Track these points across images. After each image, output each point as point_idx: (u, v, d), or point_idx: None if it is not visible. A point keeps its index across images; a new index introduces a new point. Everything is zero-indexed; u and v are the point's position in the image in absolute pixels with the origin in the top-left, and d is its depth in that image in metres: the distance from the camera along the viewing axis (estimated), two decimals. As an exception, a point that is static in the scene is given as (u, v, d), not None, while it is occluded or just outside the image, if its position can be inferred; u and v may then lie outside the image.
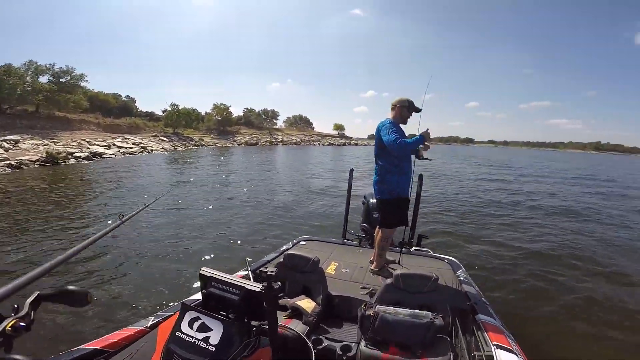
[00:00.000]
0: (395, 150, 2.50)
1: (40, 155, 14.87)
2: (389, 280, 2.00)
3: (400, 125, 2.67)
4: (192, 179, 12.14)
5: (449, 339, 1.75)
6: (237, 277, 2.24)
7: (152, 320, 1.68)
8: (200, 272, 1.29)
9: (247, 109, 60.34)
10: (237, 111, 59.23)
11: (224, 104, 50.22)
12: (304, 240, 3.45)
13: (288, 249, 3.13)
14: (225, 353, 1.08)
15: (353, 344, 1.79)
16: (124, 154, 20.24)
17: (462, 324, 1.88)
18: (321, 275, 2.18)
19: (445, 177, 16.05)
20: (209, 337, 1.10)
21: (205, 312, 1.17)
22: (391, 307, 1.77)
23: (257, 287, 1.18)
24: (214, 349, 1.08)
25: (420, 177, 3.28)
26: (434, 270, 2.72)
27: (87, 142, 20.97)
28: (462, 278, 2.57)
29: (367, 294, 2.24)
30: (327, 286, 2.16)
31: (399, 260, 2.92)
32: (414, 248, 3.46)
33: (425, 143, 2.64)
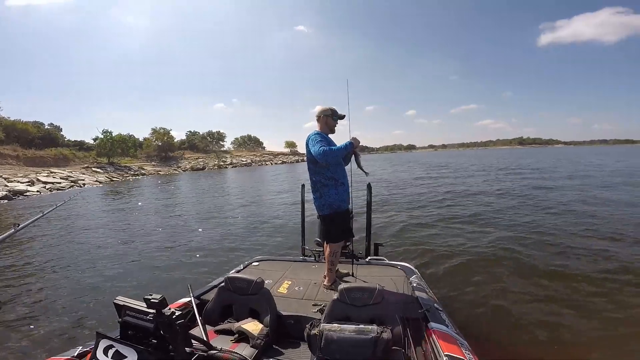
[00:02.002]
0: (322, 159, 2.44)
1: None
2: (335, 296, 1.96)
3: (329, 135, 2.69)
4: (133, 211, 11.26)
5: (403, 351, 1.71)
6: (176, 305, 2.09)
7: (80, 350, 1.61)
8: (114, 301, 1.27)
9: (190, 132, 58.22)
10: (179, 135, 56.90)
11: (164, 128, 47.83)
12: (257, 261, 3.35)
13: (239, 271, 3.03)
14: None
15: None
16: (51, 191, 18.05)
17: (414, 334, 1.86)
18: (267, 296, 2.11)
19: (400, 183, 16.80)
20: None
21: (117, 340, 1.17)
22: (336, 324, 1.72)
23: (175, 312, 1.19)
24: None
25: (369, 186, 3.35)
26: (387, 278, 2.77)
27: (5, 178, 18.39)
28: (415, 284, 2.57)
29: (318, 311, 2.19)
30: (275, 307, 2.10)
31: (353, 273, 2.92)
32: (369, 258, 3.48)
33: (356, 150, 2.66)
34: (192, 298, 1.80)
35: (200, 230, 7.84)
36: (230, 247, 6.25)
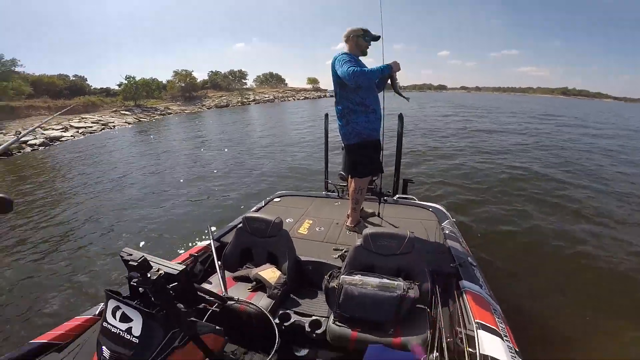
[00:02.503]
0: (352, 81, 2.12)
1: (-13, 147, 13.41)
2: (358, 242, 1.73)
3: (360, 57, 2.33)
4: (163, 146, 11.36)
5: (429, 310, 1.54)
6: (194, 250, 1.99)
7: (101, 307, 1.51)
8: (121, 254, 1.07)
9: (212, 72, 57.04)
10: (201, 76, 56.03)
11: (186, 70, 47.02)
12: (278, 197, 3.17)
13: (260, 208, 2.89)
14: (149, 345, 0.96)
15: (323, 318, 1.59)
16: (84, 134, 18.73)
17: (444, 292, 1.65)
18: (286, 238, 1.93)
19: (429, 119, 15.85)
20: (131, 327, 0.98)
21: (123, 300, 1.01)
22: (357, 277, 1.52)
23: (174, 269, 1.04)
24: (137, 340, 0.97)
25: (400, 116, 3.01)
26: (417, 221, 2.50)
27: (41, 127, 19.13)
28: (447, 231, 2.30)
29: (339, 257, 1.98)
30: (294, 251, 1.92)
31: (379, 212, 2.65)
32: (397, 196, 3.19)
33: (394, 75, 2.25)
34: (212, 241, 1.71)
35: (225, 164, 7.72)
36: (254, 180, 6.09)
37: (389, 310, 1.43)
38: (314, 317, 1.62)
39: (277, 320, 1.53)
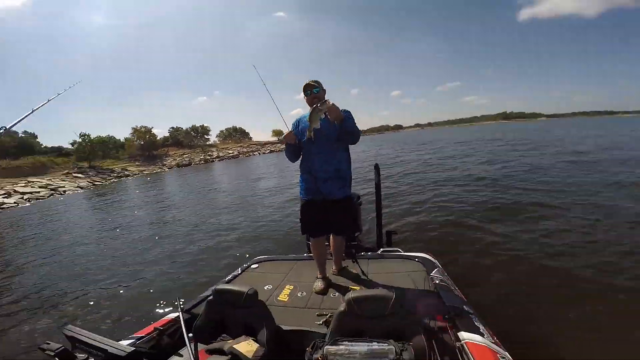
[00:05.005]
0: None
1: None
2: (342, 307, 1.65)
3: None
4: (119, 214, 10.76)
5: None
6: (160, 323, 1.95)
7: None
8: (64, 331, 1.10)
9: (172, 128, 56.88)
10: (161, 133, 55.58)
11: (145, 127, 46.53)
12: (256, 263, 3.06)
13: (236, 276, 2.76)
14: None
15: None
16: (29, 201, 17.33)
17: (442, 347, 1.55)
18: (263, 308, 1.82)
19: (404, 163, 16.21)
20: None
21: None
22: (343, 346, 1.43)
23: (121, 350, 1.07)
24: None
25: (377, 167, 3.03)
26: (404, 275, 2.46)
27: (-23, 193, 17.54)
28: (437, 281, 2.23)
29: (323, 323, 1.89)
30: (272, 321, 1.80)
31: (364, 270, 2.59)
32: (381, 250, 3.18)
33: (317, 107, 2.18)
34: (181, 314, 1.56)
35: (192, 230, 7.40)
36: (227, 246, 5.77)
37: None
38: None
39: None
